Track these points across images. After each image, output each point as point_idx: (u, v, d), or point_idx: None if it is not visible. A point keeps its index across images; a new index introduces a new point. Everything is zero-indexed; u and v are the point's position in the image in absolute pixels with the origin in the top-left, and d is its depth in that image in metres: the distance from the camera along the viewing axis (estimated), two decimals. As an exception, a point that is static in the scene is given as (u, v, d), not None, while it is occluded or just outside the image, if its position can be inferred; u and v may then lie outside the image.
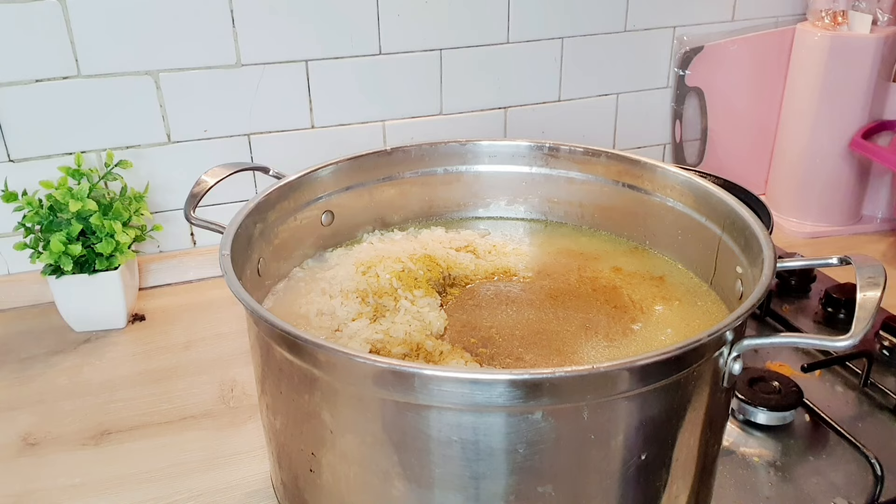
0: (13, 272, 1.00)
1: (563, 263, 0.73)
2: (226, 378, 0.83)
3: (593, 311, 0.65)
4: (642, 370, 0.44)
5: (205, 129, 1.01)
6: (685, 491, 0.54)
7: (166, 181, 1.01)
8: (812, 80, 1.13)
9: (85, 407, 0.79)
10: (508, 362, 0.59)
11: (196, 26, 0.95)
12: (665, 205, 0.72)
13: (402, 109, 1.09)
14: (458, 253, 0.73)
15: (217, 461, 0.72)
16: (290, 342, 0.48)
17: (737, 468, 0.68)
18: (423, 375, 0.44)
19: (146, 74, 0.96)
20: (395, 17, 1.03)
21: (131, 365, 0.86)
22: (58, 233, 0.86)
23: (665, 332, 0.63)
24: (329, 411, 0.49)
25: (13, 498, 0.68)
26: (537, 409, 0.44)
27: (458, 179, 0.80)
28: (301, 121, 1.05)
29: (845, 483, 0.66)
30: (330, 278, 0.69)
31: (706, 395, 0.50)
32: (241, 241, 0.60)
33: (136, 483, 0.69)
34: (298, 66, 1.01)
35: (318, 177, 0.72)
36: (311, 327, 0.62)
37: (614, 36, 1.15)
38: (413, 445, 0.47)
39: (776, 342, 0.51)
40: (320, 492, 0.54)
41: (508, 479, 0.46)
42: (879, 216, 1.21)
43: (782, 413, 0.72)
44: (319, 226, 0.74)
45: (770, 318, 0.92)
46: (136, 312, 0.96)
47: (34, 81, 0.92)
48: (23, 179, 0.92)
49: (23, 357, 0.88)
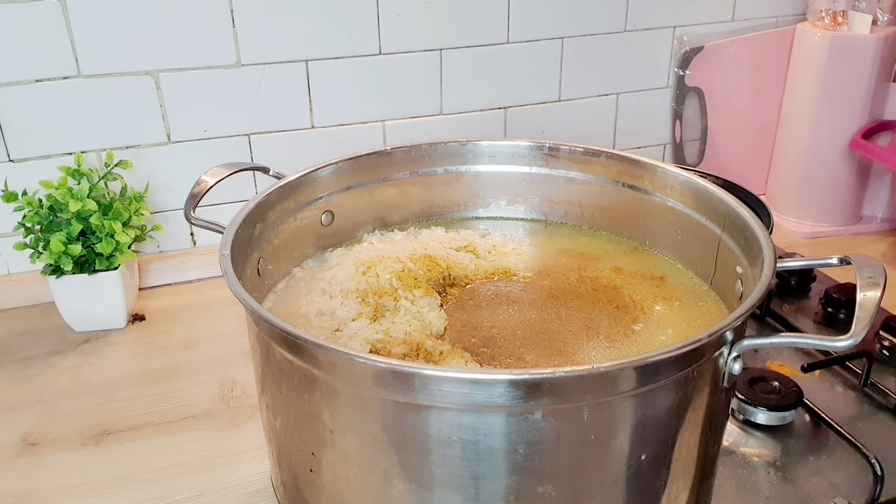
0: (13, 272, 1.00)
1: (563, 263, 0.73)
2: (226, 378, 0.83)
3: (593, 311, 0.65)
4: (642, 370, 0.44)
5: (205, 129, 1.01)
6: (685, 491, 0.54)
7: (166, 181, 1.01)
8: (812, 80, 1.13)
9: (85, 407, 0.79)
10: (509, 362, 0.59)
11: (196, 26, 0.95)
12: (665, 205, 0.72)
13: (402, 109, 1.09)
14: (458, 253, 0.73)
15: (217, 461, 0.72)
16: (290, 342, 0.48)
17: (737, 468, 0.68)
18: (423, 375, 0.44)
19: (146, 74, 0.96)
20: (395, 17, 1.03)
21: (131, 365, 0.86)
22: (58, 233, 0.86)
23: (665, 332, 0.63)
24: (329, 411, 0.49)
25: (13, 498, 0.68)
26: (537, 409, 0.44)
27: (458, 179, 0.80)
28: (301, 121, 1.05)
29: (845, 483, 0.66)
30: (330, 278, 0.69)
31: (706, 395, 0.50)
32: (241, 241, 0.60)
33: (136, 483, 0.69)
34: (298, 66, 1.01)
35: (318, 177, 0.72)
36: (311, 327, 0.62)
37: (614, 36, 1.15)
38: (413, 445, 0.47)
39: (776, 342, 0.51)
40: (320, 492, 0.54)
41: (508, 479, 0.46)
42: (879, 216, 1.21)
43: (782, 413, 0.72)
44: (319, 226, 0.74)
45: (770, 318, 0.92)
46: (136, 312, 0.96)
47: (34, 81, 0.92)
48: (23, 179, 0.92)
49: (23, 357, 0.88)
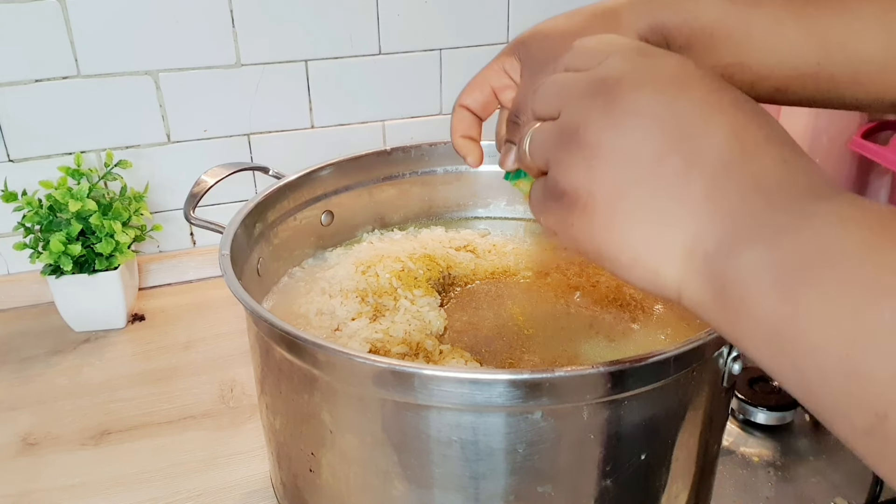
0: (13, 272, 1.00)
1: (562, 263, 0.73)
2: (226, 378, 0.83)
3: (593, 310, 0.65)
4: (642, 370, 0.44)
5: (205, 129, 1.01)
6: (685, 491, 0.54)
7: (166, 181, 1.01)
8: (812, 80, 1.13)
9: (85, 407, 0.79)
10: (508, 362, 0.59)
11: (196, 26, 0.95)
12: (665, 205, 0.72)
13: (402, 109, 1.09)
14: (457, 252, 0.73)
15: (217, 461, 0.72)
16: (289, 342, 0.48)
17: (737, 468, 0.68)
18: (423, 375, 0.44)
19: (146, 74, 0.96)
20: (395, 17, 1.03)
21: (131, 365, 0.86)
22: (57, 233, 0.86)
23: (665, 332, 0.63)
24: (329, 411, 0.49)
25: (13, 498, 0.68)
26: (537, 409, 0.44)
27: (458, 179, 0.80)
28: (301, 121, 1.05)
29: (845, 483, 0.66)
30: (329, 278, 0.69)
31: (706, 395, 0.50)
32: (240, 241, 0.60)
33: (136, 483, 0.69)
34: (298, 66, 1.01)
35: (317, 177, 0.72)
36: (311, 327, 0.62)
37: (614, 36, 1.15)
38: (413, 445, 0.47)
39: (776, 342, 0.51)
40: (320, 492, 0.54)
41: (508, 479, 0.46)
42: (879, 216, 1.21)
43: (782, 413, 0.72)
44: (319, 226, 0.74)
45: (770, 318, 0.91)
46: (136, 312, 0.96)
47: (34, 81, 0.92)
48: (23, 179, 0.92)
49: (23, 357, 0.88)
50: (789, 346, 0.26)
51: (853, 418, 0.24)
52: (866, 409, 0.24)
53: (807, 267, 0.26)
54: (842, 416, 0.25)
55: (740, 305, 0.28)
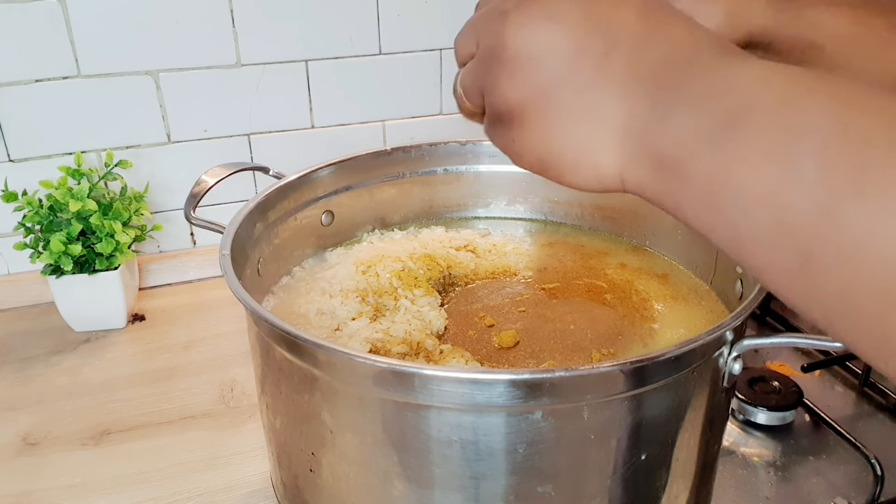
0: (13, 272, 1.00)
1: (563, 263, 0.73)
2: (226, 378, 0.83)
3: (594, 310, 0.65)
4: (642, 370, 0.44)
5: (205, 129, 1.01)
6: (685, 491, 0.54)
7: (166, 181, 1.01)
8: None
9: (85, 407, 0.79)
10: (509, 362, 0.59)
11: (196, 26, 0.95)
12: (665, 205, 0.72)
13: (402, 109, 1.09)
14: (458, 252, 0.73)
15: (217, 461, 0.72)
16: (289, 342, 0.48)
17: (737, 468, 0.68)
18: (423, 375, 0.44)
19: (146, 74, 0.96)
20: (395, 17, 1.03)
21: (131, 365, 0.86)
22: (58, 233, 0.86)
23: (665, 332, 0.63)
24: (329, 411, 0.49)
25: (13, 498, 0.68)
26: (537, 409, 0.44)
27: (458, 179, 0.80)
28: (301, 121, 1.05)
29: (845, 483, 0.66)
30: (330, 278, 0.69)
31: (706, 395, 0.50)
32: (240, 241, 0.60)
33: (136, 483, 0.69)
34: (298, 66, 1.01)
35: (318, 177, 0.72)
36: (311, 327, 0.62)
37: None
38: (413, 445, 0.47)
39: (776, 342, 0.51)
40: (320, 492, 0.54)
41: (508, 479, 0.46)
42: (879, 216, 1.21)
43: (782, 413, 0.72)
44: (319, 226, 0.74)
45: (770, 318, 0.91)
46: (136, 312, 0.96)
47: (34, 81, 0.92)
48: (23, 179, 0.92)
49: (23, 357, 0.88)
50: (724, 202, 0.27)
51: (782, 261, 0.25)
52: (793, 248, 0.25)
53: (734, 122, 0.27)
54: (771, 263, 0.26)
55: (677, 171, 0.29)
